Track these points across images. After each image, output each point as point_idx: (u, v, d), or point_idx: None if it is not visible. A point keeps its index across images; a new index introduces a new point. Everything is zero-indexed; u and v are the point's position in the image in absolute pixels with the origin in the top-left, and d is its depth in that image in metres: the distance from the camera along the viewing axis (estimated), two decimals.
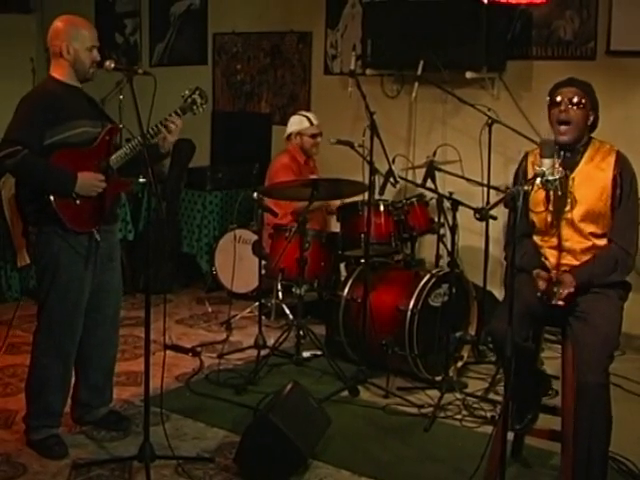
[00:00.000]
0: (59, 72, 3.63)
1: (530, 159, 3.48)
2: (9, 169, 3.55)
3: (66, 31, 3.59)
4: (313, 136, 5.59)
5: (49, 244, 3.59)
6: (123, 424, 3.96)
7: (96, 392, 3.94)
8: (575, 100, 3.31)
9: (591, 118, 3.38)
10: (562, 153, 3.33)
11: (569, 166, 3.33)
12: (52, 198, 3.49)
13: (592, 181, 3.32)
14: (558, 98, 3.35)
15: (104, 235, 3.68)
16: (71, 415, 3.97)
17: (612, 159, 3.33)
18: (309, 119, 5.61)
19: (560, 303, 3.23)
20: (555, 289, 3.25)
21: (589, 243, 3.35)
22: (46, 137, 3.49)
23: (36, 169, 3.49)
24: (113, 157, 3.63)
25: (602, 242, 3.35)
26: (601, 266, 3.30)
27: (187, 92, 3.73)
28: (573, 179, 3.33)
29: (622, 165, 3.33)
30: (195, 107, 3.74)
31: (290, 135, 5.66)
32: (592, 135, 3.43)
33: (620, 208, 3.31)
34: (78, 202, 3.54)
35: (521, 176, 3.50)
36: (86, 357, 3.84)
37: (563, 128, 3.33)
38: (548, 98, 3.40)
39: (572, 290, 3.24)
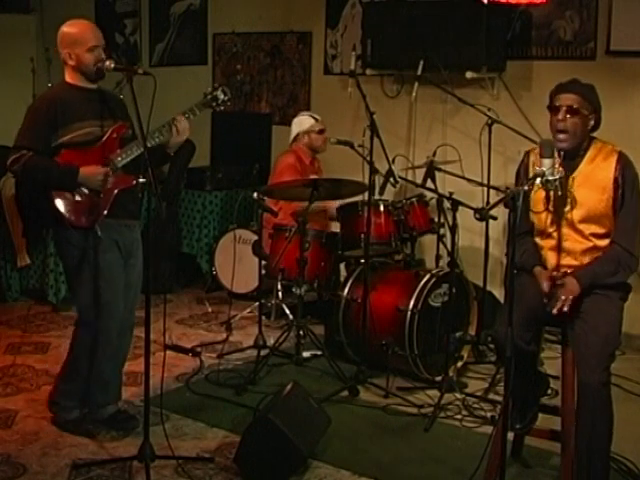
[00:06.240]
0: (69, 76, 3.78)
1: (532, 157, 3.47)
2: (17, 174, 3.76)
3: (67, 38, 3.72)
4: (321, 132, 5.61)
5: (68, 242, 3.73)
6: (130, 423, 3.95)
7: (104, 388, 3.94)
8: (573, 108, 3.27)
9: (592, 122, 3.33)
10: (562, 153, 3.31)
11: (570, 167, 3.32)
12: (54, 198, 3.64)
13: (592, 182, 3.30)
14: (557, 104, 3.32)
15: (123, 230, 3.79)
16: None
17: (614, 160, 3.30)
18: (313, 117, 5.64)
19: (565, 309, 3.22)
20: (558, 293, 3.25)
21: (590, 244, 3.33)
22: (52, 140, 3.64)
23: (39, 167, 3.65)
24: (116, 155, 3.71)
25: (603, 243, 3.33)
26: (604, 268, 3.29)
27: (209, 89, 3.76)
28: (573, 179, 3.32)
29: (624, 166, 3.29)
30: (215, 104, 3.77)
31: (297, 136, 5.65)
32: (594, 135, 3.39)
33: (622, 209, 3.29)
34: (77, 198, 3.66)
35: (523, 174, 3.48)
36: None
37: (561, 136, 3.30)
38: (549, 100, 3.38)
39: (576, 295, 3.23)
